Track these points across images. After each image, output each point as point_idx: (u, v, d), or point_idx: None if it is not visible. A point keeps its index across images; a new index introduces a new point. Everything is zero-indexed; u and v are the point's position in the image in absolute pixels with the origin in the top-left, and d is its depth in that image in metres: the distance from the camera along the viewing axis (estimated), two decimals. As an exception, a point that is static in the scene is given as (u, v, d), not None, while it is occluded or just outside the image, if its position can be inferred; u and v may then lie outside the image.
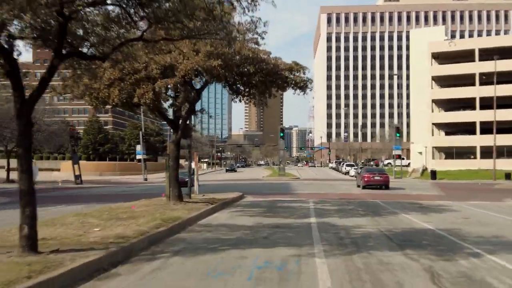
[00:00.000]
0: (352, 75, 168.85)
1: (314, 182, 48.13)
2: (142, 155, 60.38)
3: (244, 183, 44.35)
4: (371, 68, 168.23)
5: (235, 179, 57.59)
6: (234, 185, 40.63)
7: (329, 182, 48.47)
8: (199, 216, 15.37)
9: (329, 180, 53.51)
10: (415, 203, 22.61)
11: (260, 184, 43.47)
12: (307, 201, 23.25)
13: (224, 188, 33.94)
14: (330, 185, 40.44)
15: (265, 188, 36.51)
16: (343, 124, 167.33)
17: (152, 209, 16.16)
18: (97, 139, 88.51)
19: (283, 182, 46.85)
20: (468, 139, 64.39)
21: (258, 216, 16.59)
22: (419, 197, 27.04)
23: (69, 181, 48.37)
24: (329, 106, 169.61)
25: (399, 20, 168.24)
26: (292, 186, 38.89)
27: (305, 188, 35.01)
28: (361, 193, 30.59)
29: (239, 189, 32.98)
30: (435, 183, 45.48)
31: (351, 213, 18.06)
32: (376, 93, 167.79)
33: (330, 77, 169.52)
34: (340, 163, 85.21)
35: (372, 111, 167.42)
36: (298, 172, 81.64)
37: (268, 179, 56.83)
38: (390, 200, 24.06)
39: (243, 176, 66.31)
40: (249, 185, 40.08)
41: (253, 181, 49.76)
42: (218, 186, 38.59)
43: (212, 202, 19.26)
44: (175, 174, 18.36)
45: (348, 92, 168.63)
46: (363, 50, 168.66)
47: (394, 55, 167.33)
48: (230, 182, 48.13)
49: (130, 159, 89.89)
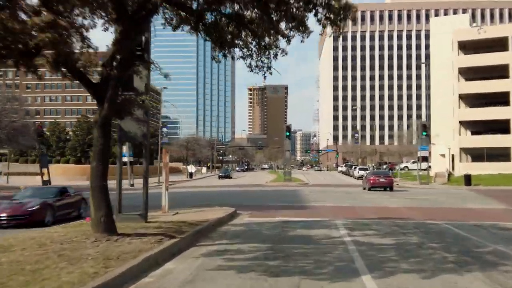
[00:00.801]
0: (359, 75, 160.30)
1: (327, 189, 39.58)
2: (129, 158, 51.94)
3: (244, 191, 35.95)
4: (379, 68, 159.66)
5: (233, 185, 49.19)
6: (230, 193, 32.24)
7: (344, 189, 39.91)
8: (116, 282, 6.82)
9: (343, 186, 44.93)
10: (506, 228, 14.15)
11: (262, 192, 34.87)
12: (334, 224, 14.73)
13: (217, 198, 25.60)
14: (347, 193, 31.99)
15: (268, 197, 28.13)
16: (350, 126, 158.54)
17: (33, 257, 7.74)
18: (86, 140, 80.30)
19: (291, 189, 38.23)
20: (500, 139, 55.66)
21: (255, 273, 8.02)
22: (489, 214, 18.52)
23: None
24: (335, 107, 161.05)
25: (408, 18, 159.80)
26: (302, 194, 30.37)
27: (320, 198, 26.52)
28: (400, 207, 22.00)
29: (235, 199, 24.60)
30: (477, 191, 36.78)
31: (428, 257, 9.52)
32: (384, 94, 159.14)
33: (337, 78, 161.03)
34: (351, 166, 76.57)
35: (381, 113, 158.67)
36: (305, 176, 73.05)
37: (272, 185, 48.32)
38: (458, 221, 15.50)
39: (243, 182, 57.83)
40: (249, 194, 31.73)
41: (254, 188, 41.28)
42: (209, 195, 30.16)
43: (177, 232, 10.86)
44: (100, 183, 9.80)
45: (355, 93, 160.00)
46: (371, 49, 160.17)
47: (404, 54, 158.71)
48: (227, 189, 39.73)
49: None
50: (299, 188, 40.30)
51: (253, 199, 26.27)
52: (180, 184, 54.46)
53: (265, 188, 41.38)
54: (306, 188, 41.58)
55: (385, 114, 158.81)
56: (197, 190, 39.07)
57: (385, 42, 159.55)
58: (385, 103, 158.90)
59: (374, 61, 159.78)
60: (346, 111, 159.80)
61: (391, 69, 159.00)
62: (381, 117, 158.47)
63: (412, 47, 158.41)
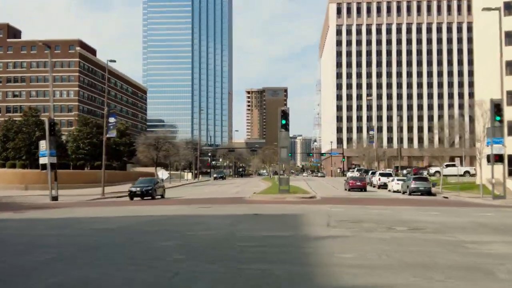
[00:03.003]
0: (365, 72, 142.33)
1: (355, 209, 21.50)
2: (48, 158, 33.93)
3: (190, 221, 17.77)
4: (387, 65, 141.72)
5: (196, 199, 31.24)
6: (143, 235, 14.21)
7: (382, 208, 21.83)
8: None
9: (379, 202, 26.94)
10: None
11: (224, 227, 15.83)
12: None
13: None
14: (419, 230, 14.27)
15: (221, 259, 10.36)
16: (355, 128, 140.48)
17: None
18: (33, 139, 62.37)
19: (286, 214, 19.57)
20: None
21: None
22: None
23: None
24: (339, 108, 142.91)
25: (418, 10, 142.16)
26: (311, 235, 12.36)
27: (367, 271, 8.81)
28: None
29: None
30: None
31: None
32: (392, 93, 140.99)
33: (340, 75, 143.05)
34: (366, 171, 58.41)
35: (389, 113, 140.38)
36: (308, 184, 54.80)
37: (256, 200, 30.04)
38: None
39: (222, 191, 39.92)
40: (189, 239, 13.78)
41: (221, 209, 22.71)
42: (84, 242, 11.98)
43: None
44: None
45: (360, 91, 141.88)
46: (378, 44, 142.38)
47: (413, 49, 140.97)
48: (172, 214, 21.64)
49: (77, 165, 63.52)
50: (303, 210, 21.37)
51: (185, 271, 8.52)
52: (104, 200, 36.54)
53: (238, 211, 21.84)
54: (314, 207, 23.29)
55: (394, 114, 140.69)
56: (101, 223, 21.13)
57: (393, 36, 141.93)
58: (394, 103, 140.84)
59: (382, 57, 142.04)
60: (350, 112, 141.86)
61: (400, 66, 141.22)
62: (389, 118, 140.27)
63: (422, 41, 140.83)
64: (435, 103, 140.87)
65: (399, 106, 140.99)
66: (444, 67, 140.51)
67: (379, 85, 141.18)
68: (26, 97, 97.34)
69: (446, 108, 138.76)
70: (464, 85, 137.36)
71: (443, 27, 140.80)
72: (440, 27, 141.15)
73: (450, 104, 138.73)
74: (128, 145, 73.13)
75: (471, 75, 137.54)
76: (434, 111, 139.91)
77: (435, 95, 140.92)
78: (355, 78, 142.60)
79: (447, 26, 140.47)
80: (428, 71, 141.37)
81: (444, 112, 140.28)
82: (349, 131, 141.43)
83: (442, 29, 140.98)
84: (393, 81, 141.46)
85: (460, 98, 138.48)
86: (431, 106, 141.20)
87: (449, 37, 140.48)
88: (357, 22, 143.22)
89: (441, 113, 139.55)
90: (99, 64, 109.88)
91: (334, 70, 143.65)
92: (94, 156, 64.61)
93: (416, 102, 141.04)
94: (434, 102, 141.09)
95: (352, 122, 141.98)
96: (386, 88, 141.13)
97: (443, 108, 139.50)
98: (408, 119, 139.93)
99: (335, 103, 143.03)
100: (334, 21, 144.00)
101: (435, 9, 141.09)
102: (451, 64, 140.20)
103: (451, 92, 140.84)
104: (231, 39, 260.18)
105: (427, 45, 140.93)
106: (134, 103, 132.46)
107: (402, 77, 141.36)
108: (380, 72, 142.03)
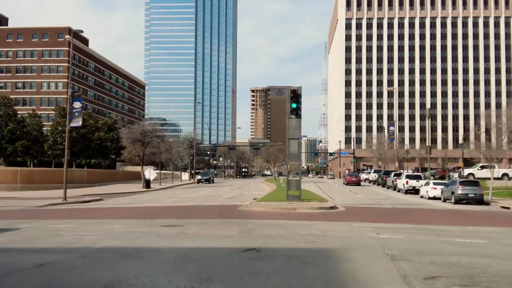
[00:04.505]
0: (375, 68, 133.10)
1: (420, 236, 12.72)
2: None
3: (97, 277, 9.08)
4: (399, 61, 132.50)
5: (159, 211, 22.57)
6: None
7: (466, 232, 13.02)
8: None
9: (435, 217, 18.10)
10: None
11: None
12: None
13: None
14: None
15: None
16: (364, 127, 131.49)
17: None
18: (5, 132, 53.71)
19: (308, 250, 10.57)
20: None
21: None
22: None
23: None
24: (347, 106, 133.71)
25: (432, 3, 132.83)
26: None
27: None
28: None
29: None
30: None
31: None
32: (405, 91, 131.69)
33: (349, 71, 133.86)
34: (387, 173, 49.33)
35: (400, 112, 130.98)
36: (318, 187, 45.82)
37: (255, 211, 21.05)
38: None
39: (208, 199, 31.29)
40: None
41: (192, 234, 13.75)
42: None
43: None
44: None
45: (370, 88, 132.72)
46: (389, 39, 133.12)
47: (427, 44, 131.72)
48: (86, 245, 12.83)
49: (56, 163, 54.81)
50: (328, 233, 12.60)
51: None
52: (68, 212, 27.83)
53: (226, 231, 12.93)
54: (345, 228, 14.32)
55: (406, 114, 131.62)
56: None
57: (406, 30, 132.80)
58: (406, 101, 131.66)
59: (393, 52, 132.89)
60: (359, 110, 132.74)
61: (412, 62, 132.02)
62: (401, 117, 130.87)
63: (436, 36, 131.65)
64: (449, 101, 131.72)
65: (411, 104, 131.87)
66: (459, 64, 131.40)
67: (390, 82, 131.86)
68: (12, 89, 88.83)
69: (461, 107, 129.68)
70: (491, 84, 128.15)
71: (458, 21, 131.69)
72: (455, 21, 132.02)
73: (465, 103, 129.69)
74: (116, 141, 64.32)
75: (498, 72, 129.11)
76: (448, 110, 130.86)
77: (449, 93, 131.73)
78: (364, 75, 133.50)
79: (462, 20, 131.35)
80: (442, 68, 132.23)
81: (459, 111, 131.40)
82: (358, 130, 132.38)
83: (457, 23, 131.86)
84: (404, 78, 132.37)
85: (476, 96, 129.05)
86: (445, 105, 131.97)
87: (464, 32, 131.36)
88: (367, 16, 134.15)
89: (455, 112, 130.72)
90: (93, 55, 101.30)
91: (342, 66, 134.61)
92: (74, 152, 55.86)
93: (428, 100, 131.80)
94: (449, 100, 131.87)
95: (362, 121, 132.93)
96: (398, 86, 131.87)
97: (457, 107, 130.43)
98: (420, 118, 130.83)
99: (344, 100, 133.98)
100: (344, 15, 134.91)
101: (450, 3, 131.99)
102: (467, 61, 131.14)
103: (466, 91, 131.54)
104: (235, 38, 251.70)
105: (441, 39, 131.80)
106: (131, 98, 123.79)
107: (415, 73, 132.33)
108: (391, 68, 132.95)
